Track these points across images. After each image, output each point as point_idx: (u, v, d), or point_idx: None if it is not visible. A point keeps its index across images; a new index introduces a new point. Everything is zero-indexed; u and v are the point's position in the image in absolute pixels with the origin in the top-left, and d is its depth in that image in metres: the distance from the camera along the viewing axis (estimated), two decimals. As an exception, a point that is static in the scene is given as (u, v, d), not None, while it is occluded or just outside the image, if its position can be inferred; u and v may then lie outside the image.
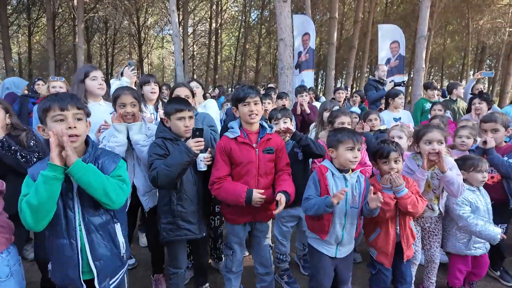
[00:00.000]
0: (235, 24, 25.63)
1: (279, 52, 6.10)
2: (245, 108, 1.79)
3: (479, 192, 2.17)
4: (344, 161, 1.74)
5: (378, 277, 1.95)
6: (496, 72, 22.39)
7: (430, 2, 7.77)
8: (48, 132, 1.22)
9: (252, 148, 1.81)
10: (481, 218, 2.08)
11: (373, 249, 1.94)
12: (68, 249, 1.28)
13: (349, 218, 1.74)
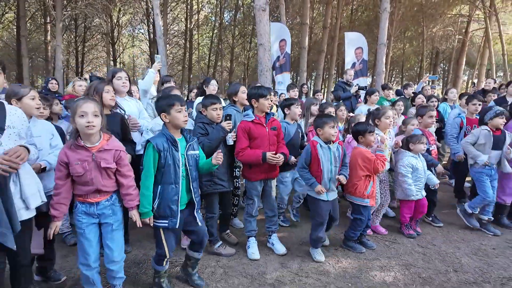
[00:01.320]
0: (208, 25, 26.09)
1: (259, 55, 6.83)
2: (266, 101, 2.55)
3: (419, 158, 3.10)
4: (328, 135, 2.52)
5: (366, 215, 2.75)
6: (448, 75, 24.74)
7: (388, 14, 8.94)
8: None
9: (263, 127, 2.55)
10: (418, 177, 3.03)
11: (367, 199, 2.73)
12: (173, 190, 1.94)
13: (333, 173, 2.56)
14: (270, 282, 2.28)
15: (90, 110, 1.70)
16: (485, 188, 3.16)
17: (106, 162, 1.78)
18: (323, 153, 2.51)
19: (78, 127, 1.71)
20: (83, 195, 1.79)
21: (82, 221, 1.80)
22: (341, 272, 2.43)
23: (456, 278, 2.35)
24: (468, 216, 3.30)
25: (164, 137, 1.95)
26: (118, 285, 1.99)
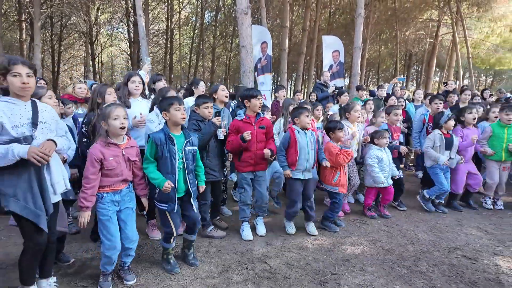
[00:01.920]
0: (189, 25, 26.13)
1: (242, 57, 7.12)
2: (257, 101, 2.91)
3: (385, 150, 3.55)
4: (304, 124, 2.93)
5: (339, 199, 3.17)
6: (421, 76, 26.00)
7: (363, 19, 9.52)
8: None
9: (252, 125, 2.90)
10: (383, 166, 3.48)
11: (335, 186, 3.16)
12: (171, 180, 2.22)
13: (309, 155, 2.94)
14: (258, 257, 2.64)
15: (121, 114, 2.02)
16: (441, 180, 3.68)
17: (132, 156, 2.14)
18: (300, 137, 2.93)
19: (112, 128, 2.03)
20: (110, 185, 2.09)
21: (109, 209, 2.10)
22: (318, 247, 2.82)
23: (413, 248, 2.80)
24: (426, 201, 3.80)
25: (163, 132, 2.27)
26: (128, 262, 2.29)
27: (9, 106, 1.66)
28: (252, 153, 2.92)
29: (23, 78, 1.66)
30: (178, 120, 2.30)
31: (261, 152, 2.94)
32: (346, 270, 2.42)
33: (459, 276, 2.34)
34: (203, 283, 2.25)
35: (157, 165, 2.28)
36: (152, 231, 3.02)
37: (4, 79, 1.64)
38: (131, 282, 2.25)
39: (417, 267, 2.47)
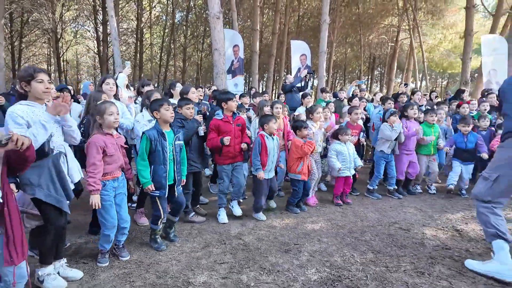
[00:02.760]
0: (159, 24, 25.93)
1: (214, 59, 7.49)
2: (233, 103, 3.35)
3: (346, 145, 4.12)
4: (271, 130, 3.42)
5: (299, 189, 3.70)
6: (384, 78, 27.63)
7: (328, 25, 10.24)
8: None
9: (230, 124, 3.35)
10: (344, 159, 4.07)
11: (298, 174, 3.71)
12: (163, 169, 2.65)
13: (274, 158, 3.46)
14: (234, 235, 3.11)
15: (115, 110, 2.40)
16: (379, 169, 4.39)
17: (122, 144, 2.51)
18: (268, 142, 3.42)
19: (107, 122, 2.39)
20: (111, 172, 2.45)
21: (110, 195, 2.46)
22: (284, 226, 3.35)
23: (361, 224, 3.40)
24: (371, 192, 4.47)
25: (155, 130, 2.68)
26: (123, 241, 2.67)
27: (31, 109, 2.00)
28: (231, 147, 3.38)
29: (45, 84, 2.00)
30: (168, 119, 2.73)
31: (238, 147, 3.43)
32: (306, 241, 2.96)
33: (393, 242, 2.96)
34: (189, 256, 2.69)
35: (150, 158, 2.67)
36: (140, 218, 3.39)
37: (26, 85, 1.98)
38: (126, 257, 2.63)
39: (363, 237, 3.06)
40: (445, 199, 4.42)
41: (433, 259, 2.63)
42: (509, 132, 2.42)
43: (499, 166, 2.42)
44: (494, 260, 2.39)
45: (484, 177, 2.51)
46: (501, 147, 2.50)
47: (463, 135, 4.49)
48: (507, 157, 2.38)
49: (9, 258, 1.55)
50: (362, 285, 2.23)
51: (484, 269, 2.39)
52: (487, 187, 2.45)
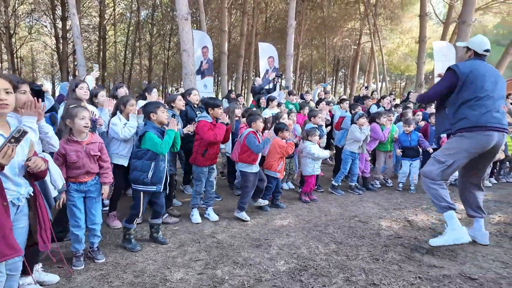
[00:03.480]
0: (123, 22, 25.10)
1: (183, 60, 7.50)
2: (219, 110, 3.50)
3: (315, 145, 4.43)
4: (259, 127, 3.66)
5: (273, 184, 3.97)
6: (348, 80, 28.86)
7: (294, 29, 10.63)
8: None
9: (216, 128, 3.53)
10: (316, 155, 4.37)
11: (277, 172, 3.94)
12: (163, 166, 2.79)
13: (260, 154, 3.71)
14: (208, 234, 3.26)
15: (87, 115, 2.44)
16: (346, 166, 4.76)
17: (94, 151, 2.53)
18: (260, 139, 3.65)
19: (77, 126, 2.42)
20: (75, 176, 2.49)
21: (74, 196, 2.51)
22: (255, 223, 3.56)
23: (325, 218, 3.71)
24: (335, 189, 4.82)
25: (155, 129, 2.84)
26: (96, 243, 2.72)
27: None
28: (215, 149, 3.56)
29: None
30: (164, 121, 2.93)
31: (218, 150, 3.66)
32: (276, 236, 3.19)
33: (353, 233, 3.28)
34: (164, 255, 2.80)
35: (148, 153, 2.80)
36: (113, 221, 3.43)
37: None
38: (102, 260, 2.69)
39: (326, 230, 3.35)
40: (399, 194, 4.88)
41: (386, 247, 2.97)
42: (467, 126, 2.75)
43: (456, 153, 2.79)
44: (448, 230, 2.78)
45: (439, 160, 2.85)
46: (461, 136, 2.81)
47: (406, 135, 5.01)
48: (464, 147, 2.75)
49: (43, 243, 1.76)
50: (326, 273, 2.49)
51: (444, 241, 2.76)
52: (441, 169, 2.84)
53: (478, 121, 2.72)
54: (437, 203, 2.87)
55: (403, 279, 2.40)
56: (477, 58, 2.92)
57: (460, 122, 2.81)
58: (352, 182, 4.87)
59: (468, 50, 2.98)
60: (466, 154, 2.78)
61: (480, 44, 2.90)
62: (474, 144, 2.75)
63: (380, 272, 2.50)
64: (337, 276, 2.44)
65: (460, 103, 2.81)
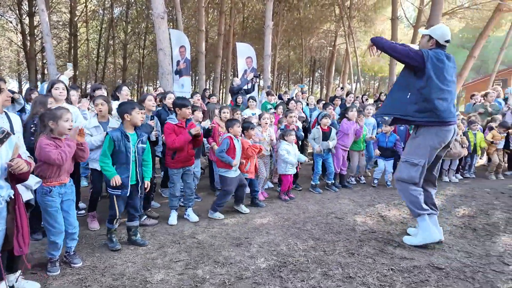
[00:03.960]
0: (95, 19, 24.27)
1: (160, 59, 7.36)
2: (187, 110, 3.45)
3: (292, 145, 4.49)
4: (236, 132, 3.70)
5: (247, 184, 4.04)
6: (324, 80, 29.45)
7: (271, 30, 10.73)
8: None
9: (184, 129, 3.45)
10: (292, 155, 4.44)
11: (246, 173, 3.98)
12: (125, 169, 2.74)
13: (239, 156, 3.71)
14: (188, 234, 3.27)
15: (70, 117, 2.39)
16: (318, 166, 4.90)
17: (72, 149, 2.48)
18: (236, 143, 3.68)
19: (61, 128, 2.38)
20: (58, 177, 2.42)
21: (56, 201, 2.45)
22: (235, 222, 3.60)
23: (303, 216, 3.81)
24: (314, 188, 4.95)
25: (119, 131, 2.77)
26: (73, 246, 2.66)
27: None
28: (184, 152, 3.50)
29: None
30: (138, 122, 2.86)
31: (191, 152, 3.57)
32: (256, 235, 3.24)
33: (330, 229, 3.39)
34: (144, 257, 2.78)
35: (114, 158, 2.76)
36: (91, 222, 3.36)
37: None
38: (79, 264, 2.63)
39: (305, 227, 3.45)
40: (373, 190, 5.08)
41: (361, 241, 3.10)
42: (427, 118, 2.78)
43: (425, 152, 2.86)
44: (420, 231, 2.94)
45: (413, 163, 2.90)
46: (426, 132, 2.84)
47: (385, 136, 5.24)
48: (431, 144, 2.84)
49: (18, 248, 1.76)
50: (304, 268, 2.57)
51: (417, 241, 2.93)
52: (418, 171, 2.89)
53: (443, 115, 2.76)
54: (414, 209, 2.95)
55: (376, 271, 2.52)
56: (439, 48, 2.87)
57: (428, 114, 2.78)
58: (329, 180, 5.01)
59: (430, 38, 2.91)
60: (434, 151, 2.91)
61: (442, 34, 2.86)
62: (439, 140, 2.85)
63: (356, 265, 2.62)
64: (315, 271, 2.53)
65: (427, 93, 2.76)
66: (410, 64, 2.82)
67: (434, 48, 2.87)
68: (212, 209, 3.75)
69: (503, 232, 3.33)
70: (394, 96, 3.02)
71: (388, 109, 3.06)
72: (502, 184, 5.34)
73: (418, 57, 2.76)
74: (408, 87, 2.88)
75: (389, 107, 3.05)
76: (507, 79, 17.66)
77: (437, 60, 2.75)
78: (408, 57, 2.79)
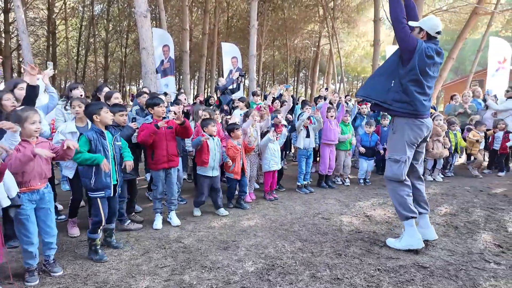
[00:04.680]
0: (75, 16, 23.55)
1: (143, 59, 7.22)
2: (160, 108, 3.39)
3: (274, 143, 4.50)
4: (211, 132, 3.64)
5: (233, 186, 4.03)
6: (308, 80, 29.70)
7: (256, 30, 10.70)
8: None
9: (160, 128, 3.35)
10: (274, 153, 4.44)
11: (231, 173, 3.97)
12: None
13: (216, 157, 3.66)
14: (173, 239, 3.19)
15: (38, 119, 2.27)
16: (301, 165, 4.90)
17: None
18: (210, 142, 3.62)
19: (27, 131, 2.25)
20: (27, 182, 2.29)
21: (27, 209, 2.31)
22: (222, 225, 3.55)
23: (290, 217, 3.81)
24: (299, 188, 4.97)
25: (93, 130, 2.68)
26: (52, 255, 2.55)
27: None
28: (164, 150, 3.41)
29: None
30: (108, 122, 2.76)
31: (173, 150, 3.48)
32: (243, 237, 3.21)
33: (317, 230, 3.40)
34: (128, 264, 2.70)
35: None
36: (71, 228, 3.23)
37: None
38: (59, 273, 2.52)
39: (292, 229, 3.44)
40: (358, 190, 5.15)
41: (348, 242, 3.12)
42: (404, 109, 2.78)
43: (403, 147, 2.87)
44: (405, 235, 2.92)
45: (395, 160, 2.90)
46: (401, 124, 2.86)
47: (368, 135, 5.32)
48: (407, 139, 2.86)
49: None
50: (292, 271, 2.56)
51: (400, 246, 2.91)
52: (401, 168, 2.88)
53: (417, 109, 2.78)
54: (401, 211, 2.92)
55: (364, 271, 2.54)
56: (429, 40, 2.84)
57: (405, 104, 2.80)
58: (305, 180, 4.98)
59: (420, 30, 2.87)
60: (411, 146, 2.91)
61: (433, 26, 2.83)
62: (414, 134, 2.87)
63: (343, 266, 2.63)
64: (303, 273, 2.53)
65: (406, 84, 2.76)
66: (403, 45, 2.77)
67: (425, 40, 2.85)
68: (194, 205, 3.84)
69: (483, 229, 3.44)
70: (377, 80, 2.98)
71: (369, 92, 3.00)
72: (481, 182, 5.53)
73: (413, 44, 2.72)
74: (393, 74, 2.87)
75: (370, 91, 2.99)
76: (483, 79, 18.36)
77: (426, 56, 2.72)
78: (405, 39, 2.74)
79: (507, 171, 6.26)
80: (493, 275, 2.49)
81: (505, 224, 3.56)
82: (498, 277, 2.47)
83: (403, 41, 2.76)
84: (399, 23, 2.76)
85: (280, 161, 4.67)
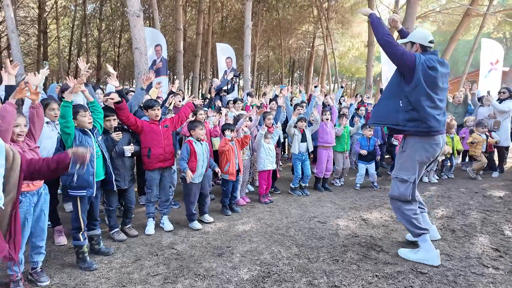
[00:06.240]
0: (67, 15, 23.23)
1: (135, 59, 7.12)
2: (154, 112, 3.32)
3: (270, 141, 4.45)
4: (198, 135, 3.48)
5: (228, 188, 3.91)
6: (303, 80, 29.72)
7: (251, 30, 10.64)
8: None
9: (157, 126, 3.33)
10: (269, 153, 4.38)
11: (226, 174, 3.86)
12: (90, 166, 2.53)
13: (204, 162, 3.55)
14: (166, 245, 3.10)
15: (23, 122, 2.17)
16: (297, 169, 4.84)
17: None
18: (197, 147, 3.49)
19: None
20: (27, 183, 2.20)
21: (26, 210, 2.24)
22: (217, 230, 3.47)
23: (286, 221, 3.74)
24: (293, 190, 4.91)
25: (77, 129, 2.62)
26: (40, 262, 2.44)
27: None
28: (161, 149, 3.34)
29: None
30: (86, 125, 2.67)
31: (169, 148, 3.42)
32: (238, 243, 3.13)
33: (313, 235, 3.34)
34: (119, 272, 2.60)
35: None
36: (58, 236, 3.11)
37: None
38: (46, 282, 2.42)
39: (288, 233, 3.38)
40: (354, 192, 5.10)
41: (345, 247, 3.07)
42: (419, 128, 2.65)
43: (414, 168, 2.76)
44: (421, 250, 2.78)
45: (402, 179, 2.79)
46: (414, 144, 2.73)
47: (367, 139, 5.27)
48: (419, 159, 2.75)
49: (8, 254, 1.63)
50: (288, 278, 2.49)
51: (415, 258, 2.77)
52: (409, 188, 2.78)
53: (431, 125, 2.64)
54: (411, 229, 2.82)
55: (361, 278, 2.49)
56: (425, 51, 2.75)
57: (417, 123, 2.66)
58: (303, 183, 4.94)
59: (412, 44, 2.78)
60: (422, 166, 2.82)
61: (423, 36, 2.74)
62: (428, 155, 2.76)
63: (340, 273, 2.57)
64: (300, 280, 2.46)
65: (416, 101, 2.62)
66: (402, 63, 2.64)
67: (421, 52, 2.74)
68: (188, 220, 3.61)
69: (480, 232, 3.41)
70: (384, 104, 2.88)
71: (380, 119, 2.89)
72: (476, 184, 5.52)
73: (411, 59, 2.60)
74: (399, 95, 2.73)
75: (380, 116, 2.89)
76: (476, 80, 18.54)
77: (429, 68, 2.60)
78: (403, 56, 2.61)
79: (501, 172, 6.27)
80: (492, 281, 2.45)
81: (501, 227, 3.54)
82: (497, 282, 2.43)
83: (401, 59, 2.62)
84: (390, 44, 2.64)
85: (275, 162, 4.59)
